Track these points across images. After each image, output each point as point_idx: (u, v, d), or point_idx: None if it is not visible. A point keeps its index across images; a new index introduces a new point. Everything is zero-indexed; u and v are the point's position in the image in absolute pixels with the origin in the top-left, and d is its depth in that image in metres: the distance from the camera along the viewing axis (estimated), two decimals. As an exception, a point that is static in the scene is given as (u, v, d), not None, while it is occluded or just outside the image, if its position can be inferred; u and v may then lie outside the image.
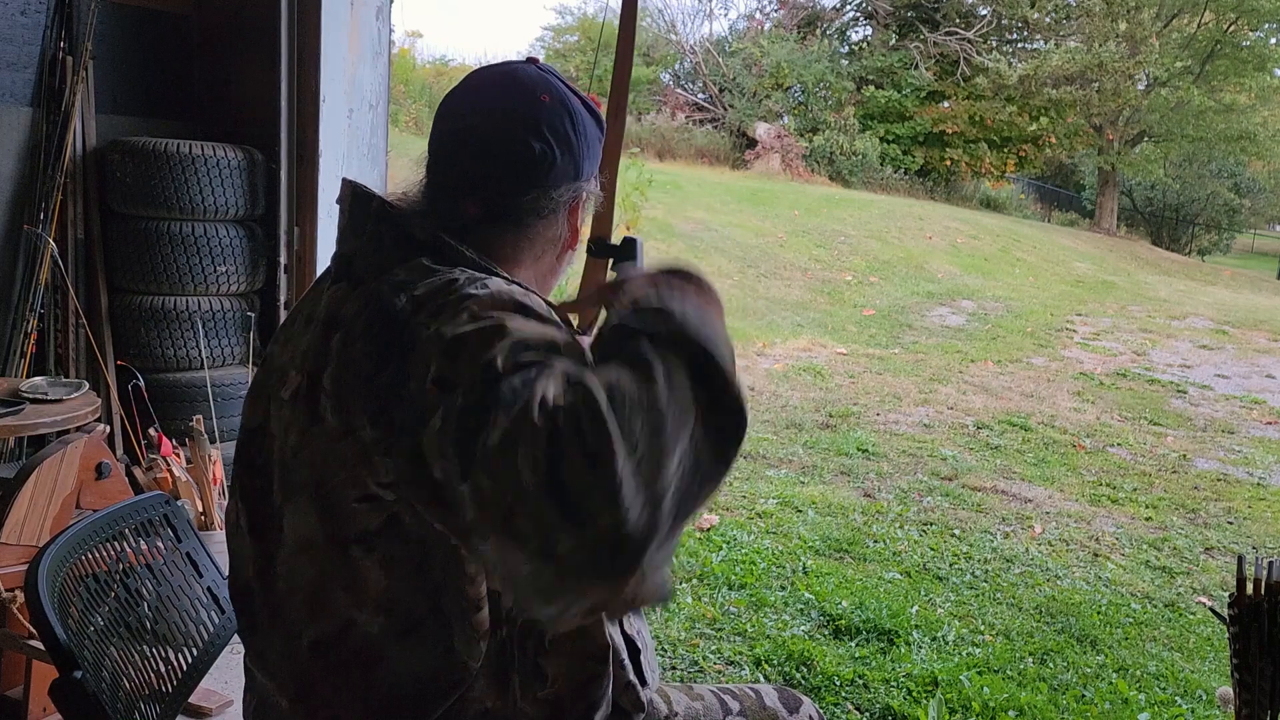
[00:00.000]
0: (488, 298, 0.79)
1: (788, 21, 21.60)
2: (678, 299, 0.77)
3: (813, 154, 18.62)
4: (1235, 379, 7.26)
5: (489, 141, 0.94)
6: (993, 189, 21.46)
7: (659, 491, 0.65)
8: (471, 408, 0.69)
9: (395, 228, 0.91)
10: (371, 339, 0.81)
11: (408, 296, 0.81)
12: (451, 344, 0.74)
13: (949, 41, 20.11)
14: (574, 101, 0.98)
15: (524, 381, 0.68)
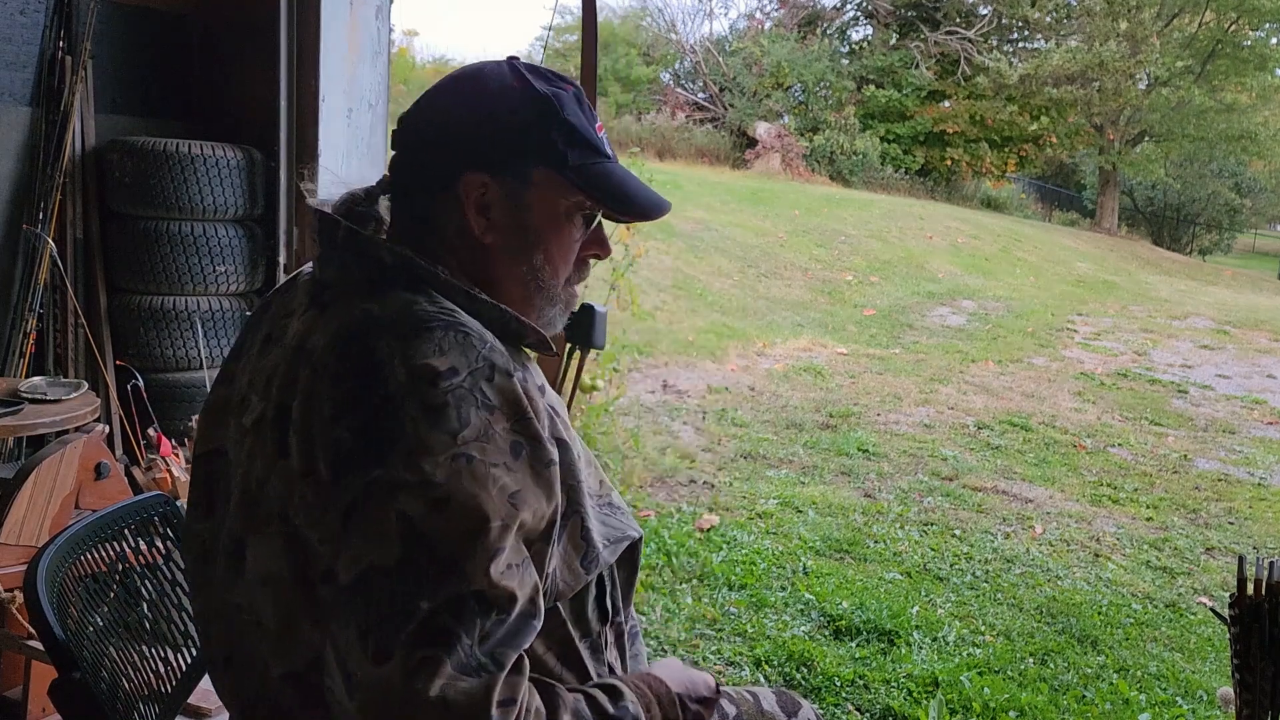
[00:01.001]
0: (483, 415, 0.77)
1: (788, 21, 21.60)
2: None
3: (813, 153, 18.62)
4: (1236, 379, 7.26)
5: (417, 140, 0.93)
6: (993, 189, 21.45)
7: None
8: (431, 614, 0.71)
9: (363, 254, 0.87)
10: (343, 384, 0.78)
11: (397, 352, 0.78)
12: (437, 496, 0.74)
13: (949, 41, 20.11)
14: (499, 81, 0.90)
15: (490, 640, 0.73)
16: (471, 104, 0.91)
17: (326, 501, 0.77)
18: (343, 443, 0.76)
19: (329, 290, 0.87)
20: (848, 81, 20.32)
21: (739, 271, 9.73)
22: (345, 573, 0.74)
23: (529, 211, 0.91)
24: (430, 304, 0.83)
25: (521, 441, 0.79)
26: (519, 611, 0.76)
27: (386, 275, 0.86)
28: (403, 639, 0.71)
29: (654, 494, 3.93)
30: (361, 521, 0.74)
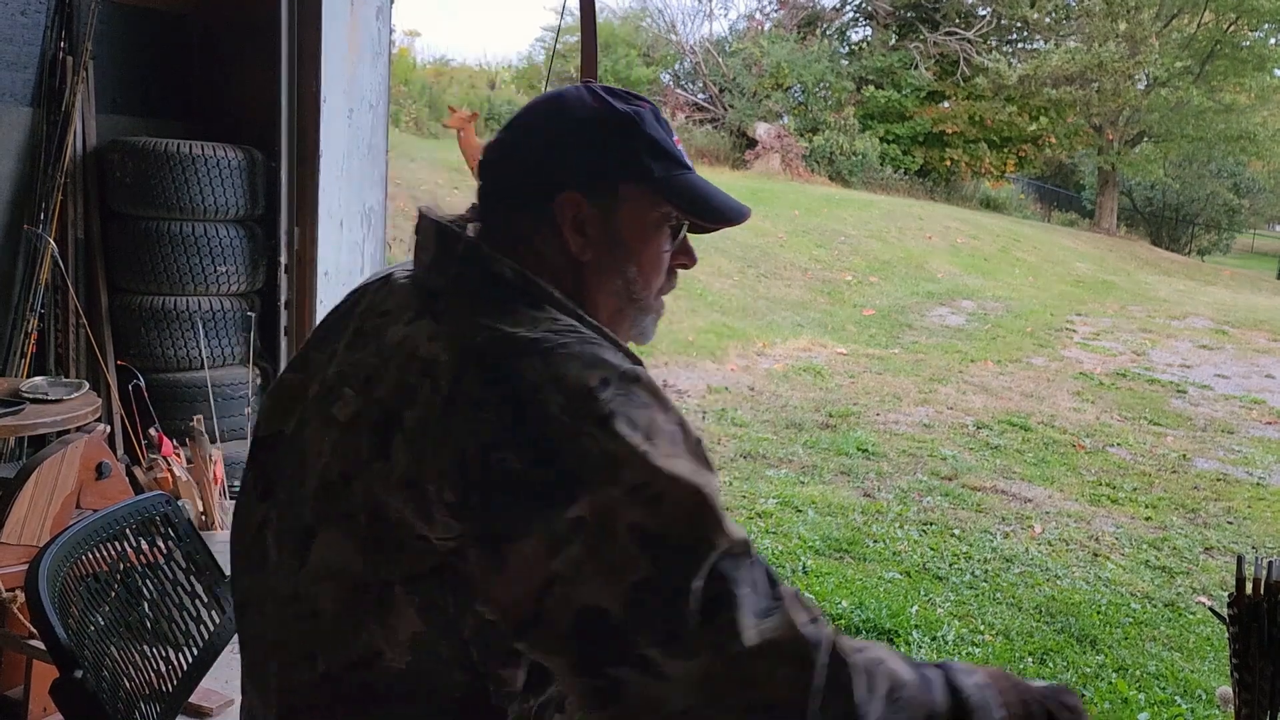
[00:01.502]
0: (647, 415, 0.78)
1: (788, 22, 21.61)
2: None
3: (813, 154, 18.62)
4: (1235, 379, 7.26)
5: (511, 166, 0.95)
6: (993, 189, 21.46)
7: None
8: (704, 590, 0.73)
9: (482, 268, 0.88)
10: (496, 410, 0.78)
11: (546, 374, 0.78)
12: (649, 496, 0.75)
13: (949, 41, 20.12)
14: (585, 109, 0.94)
15: (760, 584, 0.76)
16: (559, 127, 0.94)
17: (464, 517, 0.77)
18: (511, 472, 0.76)
19: (441, 299, 0.87)
20: (847, 82, 20.33)
21: (739, 271, 9.74)
22: (600, 599, 0.74)
23: (621, 226, 0.93)
24: (555, 321, 0.85)
25: (678, 428, 0.81)
26: (755, 552, 0.79)
27: (506, 291, 0.87)
28: (695, 624, 0.73)
29: (654, 494, 3.94)
30: (596, 552, 0.74)
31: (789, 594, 0.78)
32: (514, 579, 0.75)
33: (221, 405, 2.97)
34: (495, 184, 0.96)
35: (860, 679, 0.75)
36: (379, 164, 3.36)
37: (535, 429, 0.76)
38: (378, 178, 3.35)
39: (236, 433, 2.99)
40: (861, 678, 0.75)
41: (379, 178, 3.36)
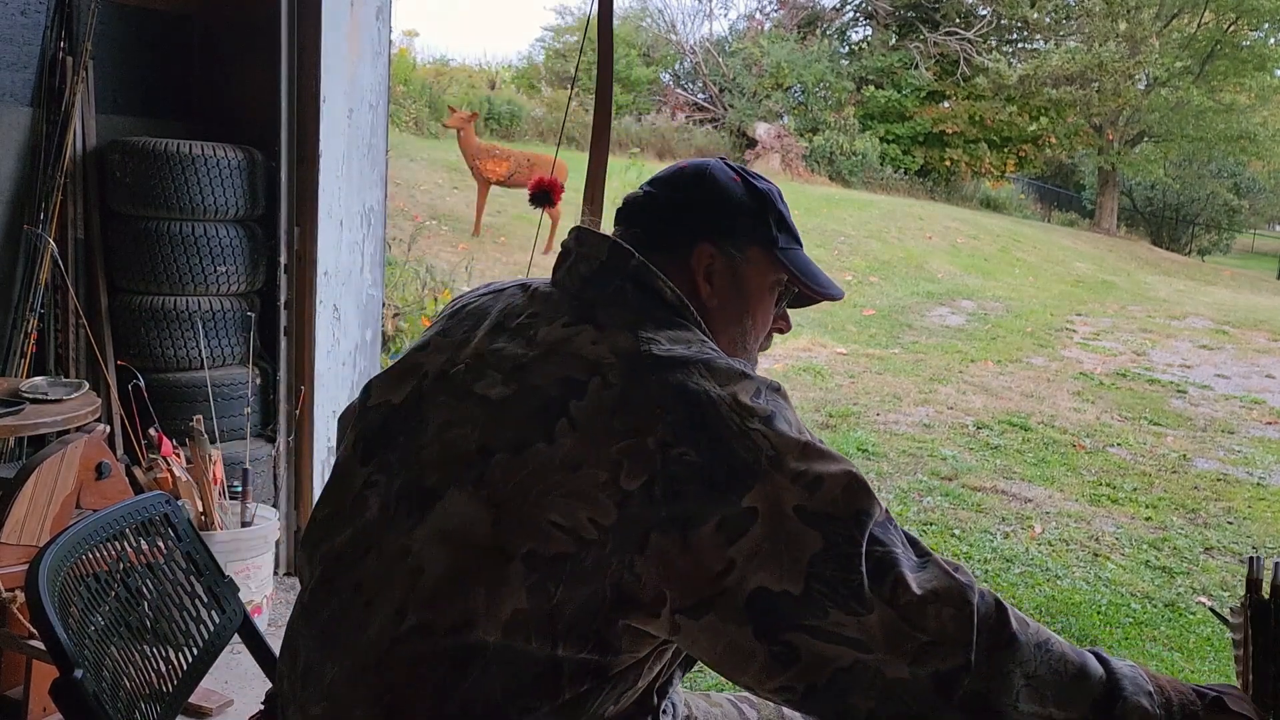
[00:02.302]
0: (791, 413, 0.90)
1: (788, 22, 21.61)
2: None
3: (813, 154, 18.63)
4: (1235, 379, 7.26)
5: (667, 210, 1.07)
6: (993, 189, 21.47)
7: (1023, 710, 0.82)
8: (869, 554, 0.82)
9: (646, 286, 0.98)
10: (674, 413, 0.86)
11: (713, 384, 0.88)
12: (809, 479, 0.83)
13: (949, 41, 20.12)
14: (728, 181, 1.07)
15: (907, 546, 0.85)
16: (708, 189, 1.07)
17: (639, 507, 0.83)
18: (692, 465, 0.84)
19: (600, 309, 0.96)
20: (847, 82, 20.34)
21: (738, 272, 9.73)
22: (779, 583, 0.81)
23: (745, 282, 1.06)
24: (705, 342, 0.95)
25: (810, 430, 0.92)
26: (895, 521, 0.88)
27: (666, 309, 0.97)
28: (868, 584, 0.81)
29: (654, 494, 3.94)
30: (771, 534, 0.82)
31: (929, 550, 0.87)
32: (696, 561, 0.81)
33: (221, 405, 2.96)
34: (640, 226, 1.06)
35: (1013, 616, 0.84)
36: (379, 164, 3.36)
37: (710, 428, 0.85)
38: (378, 178, 3.35)
39: (236, 433, 2.99)
40: (1014, 616, 0.84)
41: (379, 178, 3.36)
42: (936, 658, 0.80)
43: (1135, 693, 0.85)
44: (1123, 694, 0.85)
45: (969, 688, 0.80)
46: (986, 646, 0.82)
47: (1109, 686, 0.85)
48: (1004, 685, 0.82)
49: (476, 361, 0.97)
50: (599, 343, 0.92)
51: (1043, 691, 0.83)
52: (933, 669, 0.80)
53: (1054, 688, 0.83)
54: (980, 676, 0.81)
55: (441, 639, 0.85)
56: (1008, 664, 0.82)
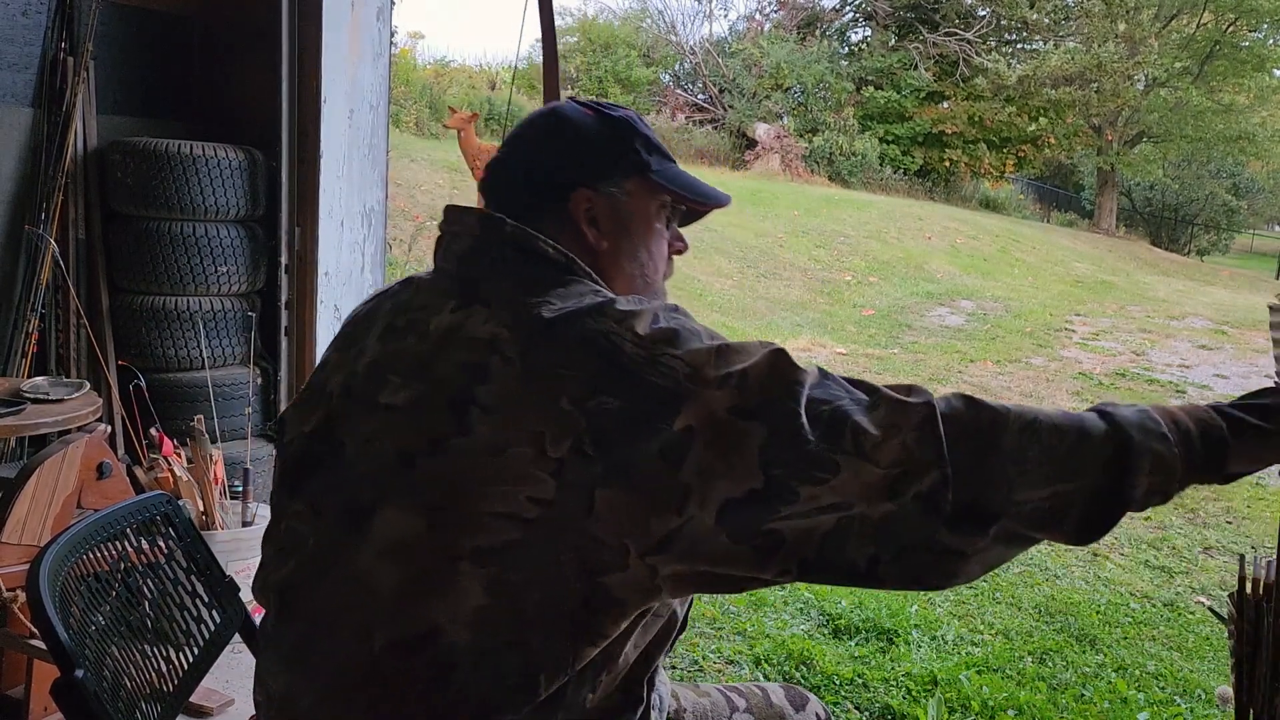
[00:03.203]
0: (697, 324, 0.88)
1: (787, 22, 21.61)
2: None
3: (812, 154, 18.63)
4: (1234, 379, 7.27)
5: (523, 173, 1.03)
6: (992, 189, 21.47)
7: (1023, 496, 0.79)
8: (815, 419, 0.79)
9: (528, 250, 0.95)
10: (581, 366, 0.84)
11: (609, 322, 0.85)
12: (734, 379, 0.81)
13: (948, 42, 20.12)
14: (577, 115, 1.04)
15: (852, 390, 0.83)
16: (565, 135, 1.03)
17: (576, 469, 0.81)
18: (613, 411, 0.81)
19: (485, 284, 0.93)
20: (847, 83, 20.34)
21: (739, 272, 9.74)
22: (741, 485, 0.79)
23: (630, 217, 1.02)
24: (599, 288, 0.93)
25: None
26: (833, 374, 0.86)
27: (550, 267, 0.94)
28: (825, 445, 0.79)
29: (653, 494, 3.94)
30: (715, 446, 0.79)
31: (877, 386, 0.84)
32: (651, 498, 0.79)
33: (222, 405, 2.97)
34: (509, 194, 1.02)
35: (987, 410, 0.81)
36: (379, 164, 3.36)
37: (620, 369, 0.83)
38: (378, 178, 3.35)
39: (237, 433, 2.99)
40: (989, 409, 0.81)
41: (379, 178, 3.36)
42: (914, 481, 0.78)
43: (1146, 439, 0.82)
44: (1132, 446, 0.81)
45: (956, 499, 0.78)
46: (964, 452, 0.79)
47: (1117, 442, 0.81)
48: (992, 484, 0.79)
49: (374, 370, 0.94)
50: (490, 320, 0.89)
51: (1040, 473, 0.80)
52: (914, 492, 0.78)
53: (1052, 465, 0.80)
54: (964, 485, 0.78)
55: (416, 652, 0.84)
56: (990, 461, 0.79)
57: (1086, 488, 0.81)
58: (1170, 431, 0.84)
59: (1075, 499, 0.80)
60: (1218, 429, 0.86)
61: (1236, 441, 0.87)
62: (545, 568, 0.82)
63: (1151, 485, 0.82)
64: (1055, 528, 0.81)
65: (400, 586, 0.85)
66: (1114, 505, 0.81)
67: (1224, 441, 0.86)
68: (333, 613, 0.89)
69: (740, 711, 1.16)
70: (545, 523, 0.81)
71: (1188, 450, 0.84)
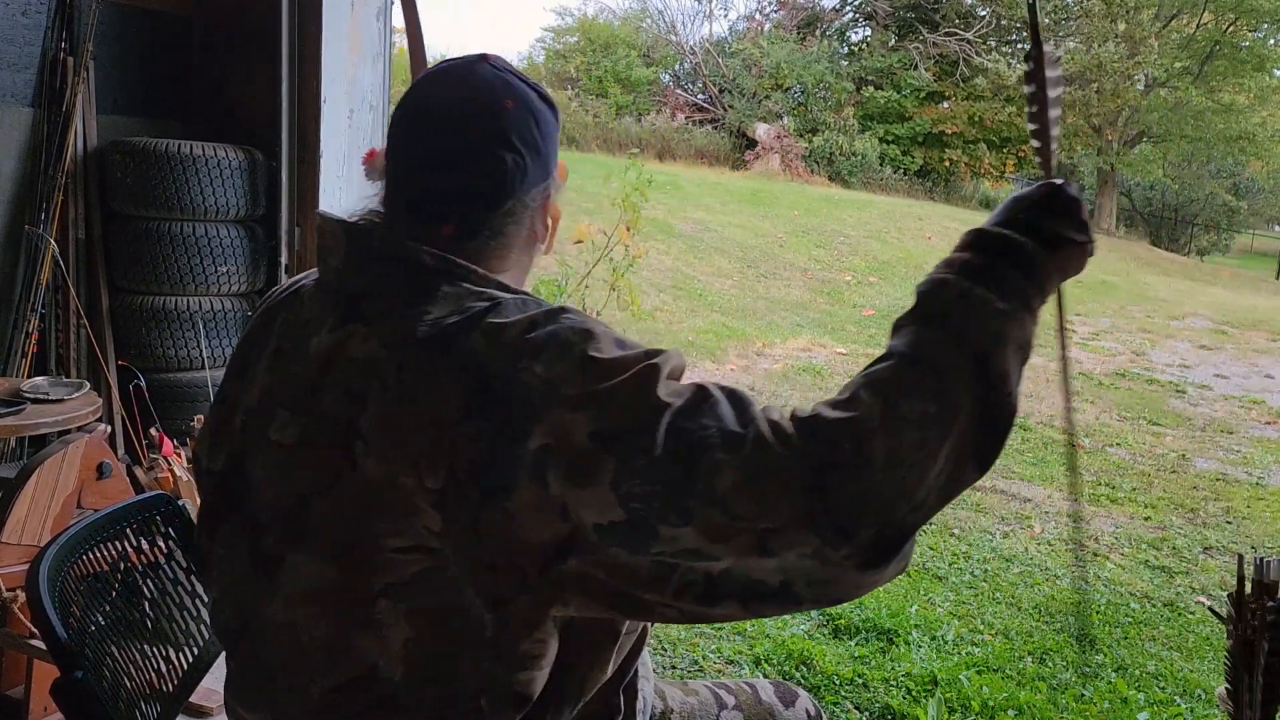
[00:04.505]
0: (578, 329, 0.80)
1: (787, 22, 21.61)
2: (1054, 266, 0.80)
3: (812, 154, 18.63)
4: (1234, 379, 7.26)
5: (459, 160, 0.91)
6: (992, 189, 21.47)
7: (923, 494, 0.75)
8: (670, 454, 0.72)
9: (402, 260, 0.87)
10: (450, 389, 0.78)
11: (479, 337, 0.80)
12: (595, 400, 0.75)
13: (948, 42, 20.13)
14: (534, 100, 0.94)
15: (727, 418, 0.74)
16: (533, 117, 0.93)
17: (455, 501, 0.77)
18: (476, 436, 0.77)
19: (366, 300, 0.87)
20: (847, 83, 20.34)
21: (738, 272, 9.74)
22: (605, 514, 0.73)
23: (532, 220, 0.96)
24: (481, 292, 0.86)
25: (621, 336, 0.82)
26: (720, 389, 0.77)
27: (429, 277, 0.86)
28: (676, 489, 0.72)
29: (653, 494, 3.94)
30: (569, 470, 0.74)
31: (759, 413, 0.75)
32: (529, 524, 0.75)
33: (222, 405, 2.97)
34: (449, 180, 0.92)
35: (844, 441, 0.72)
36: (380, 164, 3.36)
37: (484, 389, 0.78)
38: (379, 179, 3.36)
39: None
40: (845, 440, 0.72)
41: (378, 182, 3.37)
42: (787, 544, 0.72)
43: (983, 322, 0.77)
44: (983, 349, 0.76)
45: (849, 549, 0.71)
46: (841, 494, 0.71)
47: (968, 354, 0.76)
48: (884, 507, 0.72)
49: (265, 402, 0.88)
50: (369, 339, 0.83)
51: (926, 454, 0.74)
52: (796, 551, 0.72)
53: (933, 431, 0.74)
54: (851, 529, 0.71)
55: (356, 693, 0.83)
56: (873, 485, 0.72)
57: (970, 426, 0.76)
58: (988, 289, 0.78)
59: (966, 444, 0.77)
60: (1013, 247, 0.80)
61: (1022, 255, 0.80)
62: (457, 595, 0.79)
63: (1020, 361, 0.78)
64: (961, 484, 0.79)
65: (327, 633, 0.83)
66: (1001, 418, 0.79)
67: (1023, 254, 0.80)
68: (270, 661, 0.88)
69: (729, 709, 1.15)
70: (443, 553, 0.78)
71: (1011, 296, 0.78)
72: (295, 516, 0.83)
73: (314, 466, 0.83)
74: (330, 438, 0.82)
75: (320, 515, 0.82)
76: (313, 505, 0.82)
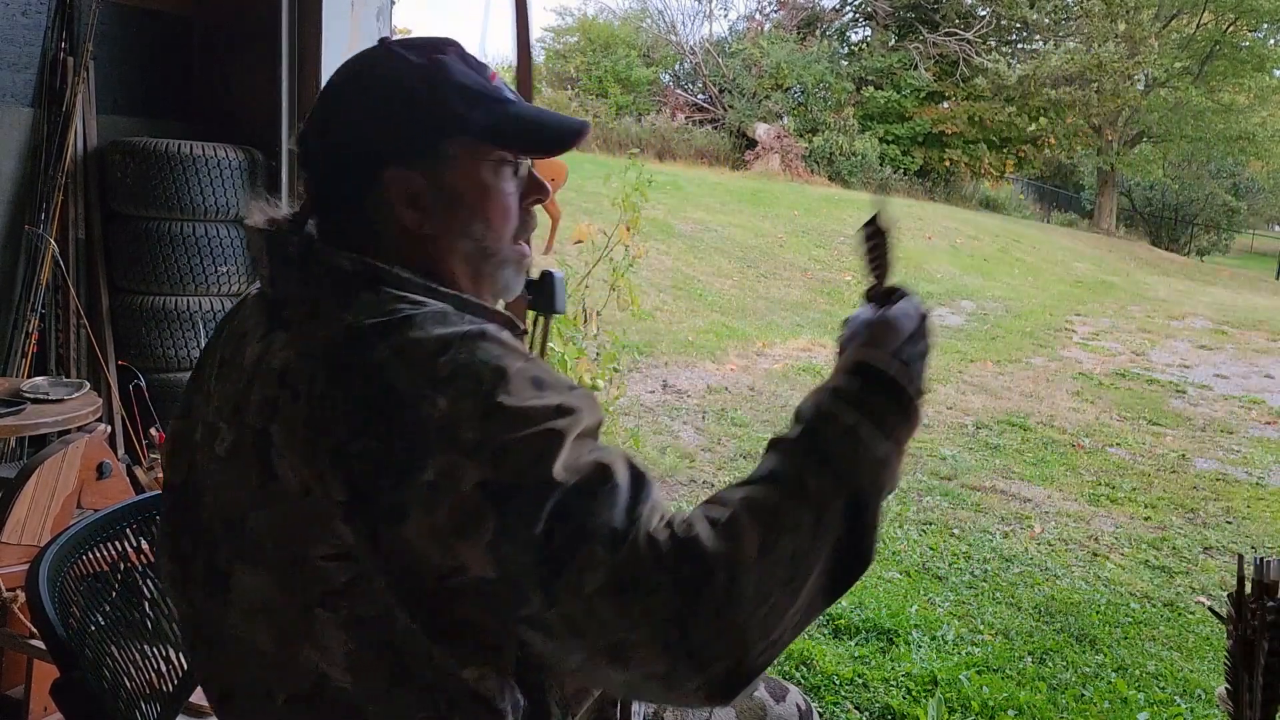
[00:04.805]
0: (492, 366, 0.76)
1: (787, 22, 21.61)
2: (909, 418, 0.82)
3: (812, 154, 18.64)
4: (1234, 379, 7.27)
5: (314, 152, 0.90)
6: (992, 189, 21.47)
7: (779, 633, 0.72)
8: (549, 533, 0.70)
9: (321, 266, 0.85)
10: (347, 401, 0.77)
11: (387, 350, 0.77)
12: (491, 450, 0.72)
13: (948, 42, 20.13)
14: (403, 73, 0.88)
15: (617, 510, 0.71)
16: (365, 102, 0.89)
17: (351, 518, 0.77)
18: (376, 455, 0.75)
19: (288, 308, 0.85)
20: (847, 83, 20.35)
21: (739, 272, 9.74)
22: (479, 568, 0.72)
23: (457, 187, 0.88)
24: (399, 301, 0.82)
25: (540, 375, 0.78)
26: (627, 474, 0.74)
27: (349, 282, 0.84)
28: (549, 571, 0.70)
29: (653, 494, 3.94)
30: (453, 516, 0.73)
31: (648, 512, 0.73)
32: (424, 549, 0.74)
33: (221, 405, 2.97)
34: (315, 174, 0.91)
35: (719, 573, 0.70)
36: (379, 164, 3.36)
37: (385, 409, 0.75)
38: (378, 178, 3.36)
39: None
40: (720, 571, 0.70)
41: (379, 178, 3.37)
42: (639, 661, 0.70)
43: (854, 472, 0.79)
44: (860, 492, 0.78)
45: (700, 687, 0.70)
46: (704, 632, 0.69)
47: (846, 495, 0.78)
48: (741, 647, 0.70)
49: (214, 416, 0.87)
50: (287, 347, 0.82)
51: (789, 594, 0.72)
52: (644, 673, 0.70)
53: (803, 567, 0.73)
54: (702, 668, 0.69)
55: (315, 703, 0.82)
56: (736, 624, 0.70)
57: (834, 567, 0.76)
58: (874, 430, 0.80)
59: (825, 584, 0.76)
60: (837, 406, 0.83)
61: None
62: (389, 601, 0.79)
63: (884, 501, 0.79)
64: (811, 620, 0.77)
65: (275, 646, 0.83)
66: (862, 563, 0.79)
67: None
68: (231, 676, 0.88)
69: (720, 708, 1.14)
70: (365, 561, 0.78)
71: (867, 432, 0.81)
72: (236, 530, 0.83)
73: (244, 479, 0.82)
74: (252, 449, 0.81)
75: (255, 528, 0.81)
76: (248, 518, 0.82)
